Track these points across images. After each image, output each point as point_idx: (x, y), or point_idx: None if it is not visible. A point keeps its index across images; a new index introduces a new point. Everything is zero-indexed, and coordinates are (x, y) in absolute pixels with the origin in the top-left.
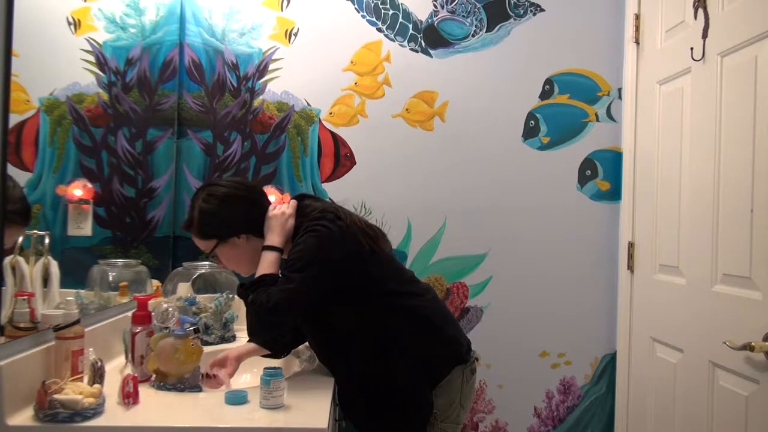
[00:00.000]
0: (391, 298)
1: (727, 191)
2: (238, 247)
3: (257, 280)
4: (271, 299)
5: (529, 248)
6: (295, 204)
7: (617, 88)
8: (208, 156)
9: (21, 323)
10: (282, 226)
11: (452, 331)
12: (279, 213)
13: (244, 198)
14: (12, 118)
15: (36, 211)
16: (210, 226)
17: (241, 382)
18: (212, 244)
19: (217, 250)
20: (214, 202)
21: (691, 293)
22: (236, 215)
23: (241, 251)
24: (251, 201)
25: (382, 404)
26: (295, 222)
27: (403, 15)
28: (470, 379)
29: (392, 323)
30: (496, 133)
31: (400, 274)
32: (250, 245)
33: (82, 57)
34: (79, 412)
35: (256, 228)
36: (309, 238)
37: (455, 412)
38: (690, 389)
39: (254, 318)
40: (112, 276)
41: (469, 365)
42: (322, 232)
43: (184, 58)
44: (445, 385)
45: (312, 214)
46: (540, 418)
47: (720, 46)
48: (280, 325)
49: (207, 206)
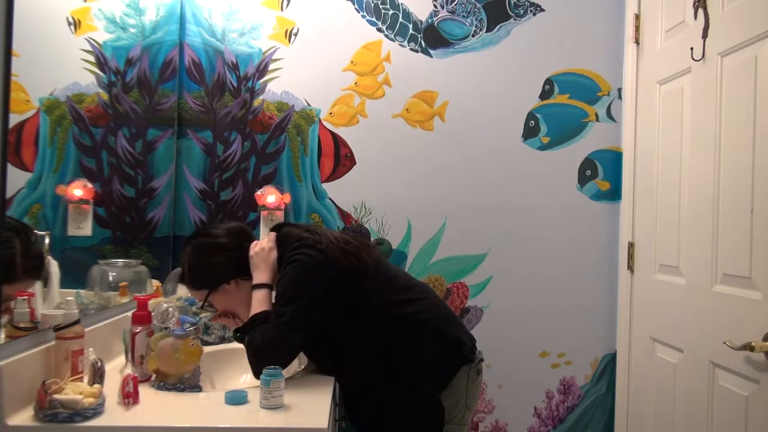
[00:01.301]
0: (385, 310)
1: (727, 191)
2: (229, 293)
3: (249, 321)
4: (265, 337)
5: (529, 248)
6: (274, 236)
7: (617, 88)
8: (208, 156)
9: (21, 323)
10: (265, 261)
11: (455, 331)
12: (259, 250)
13: (228, 246)
14: (12, 118)
15: (36, 211)
16: (199, 277)
17: (241, 382)
18: (204, 294)
19: (211, 298)
20: (200, 255)
21: (691, 293)
22: (222, 264)
23: (233, 296)
24: (235, 247)
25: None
26: (277, 253)
27: (403, 15)
28: (476, 379)
29: (390, 334)
30: (496, 133)
31: (392, 282)
32: (240, 289)
33: (82, 57)
34: (79, 412)
35: (244, 271)
36: (290, 269)
37: (460, 413)
38: (690, 389)
39: (253, 359)
40: (112, 276)
41: (475, 365)
42: (303, 260)
43: (184, 58)
44: (450, 387)
45: (291, 244)
46: (540, 418)
47: (720, 46)
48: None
49: (193, 259)
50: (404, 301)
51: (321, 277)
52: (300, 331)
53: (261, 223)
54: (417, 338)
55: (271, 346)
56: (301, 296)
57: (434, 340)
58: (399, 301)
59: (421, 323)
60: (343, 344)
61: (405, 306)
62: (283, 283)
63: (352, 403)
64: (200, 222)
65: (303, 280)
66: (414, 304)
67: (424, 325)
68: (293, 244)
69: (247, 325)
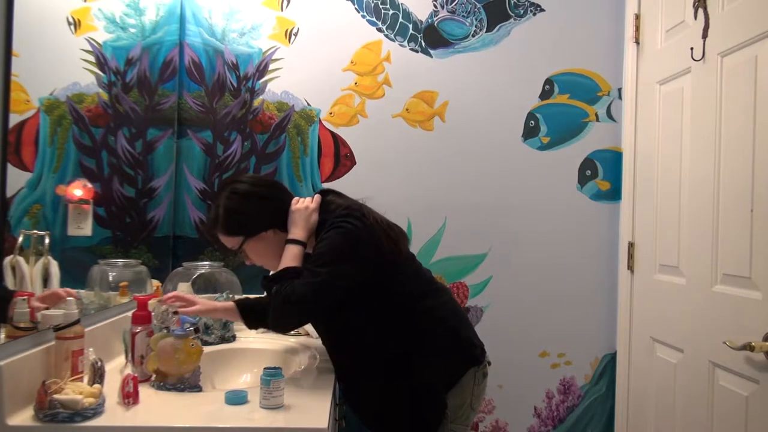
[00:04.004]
0: (408, 300)
1: (727, 191)
2: (266, 241)
3: (282, 272)
4: (295, 292)
5: (529, 248)
6: (319, 199)
7: (617, 88)
8: (208, 156)
9: (21, 323)
10: (306, 220)
11: (468, 332)
12: (302, 207)
13: (267, 194)
14: (12, 118)
15: (36, 211)
16: (236, 222)
17: (241, 382)
18: (239, 240)
19: (245, 245)
20: (239, 200)
21: (691, 293)
22: (261, 210)
23: (269, 245)
24: (274, 196)
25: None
26: (318, 217)
27: (403, 15)
28: (482, 382)
29: (408, 324)
30: (496, 133)
31: (418, 275)
32: (277, 239)
33: (82, 57)
34: (79, 412)
35: (281, 223)
36: (336, 234)
37: (465, 414)
38: (690, 389)
39: (277, 310)
40: (112, 276)
41: (482, 368)
42: (349, 229)
43: (184, 58)
44: (457, 387)
45: (337, 211)
46: (540, 418)
47: (720, 46)
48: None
49: (231, 204)
50: (426, 295)
51: (363, 249)
52: (330, 294)
53: None
54: (433, 333)
55: (299, 301)
56: (340, 262)
57: (449, 337)
58: (421, 294)
59: (438, 320)
60: (361, 324)
61: (426, 300)
62: (324, 244)
63: (354, 387)
64: (200, 222)
65: (345, 246)
66: (434, 300)
67: (441, 321)
68: (339, 212)
69: (279, 275)
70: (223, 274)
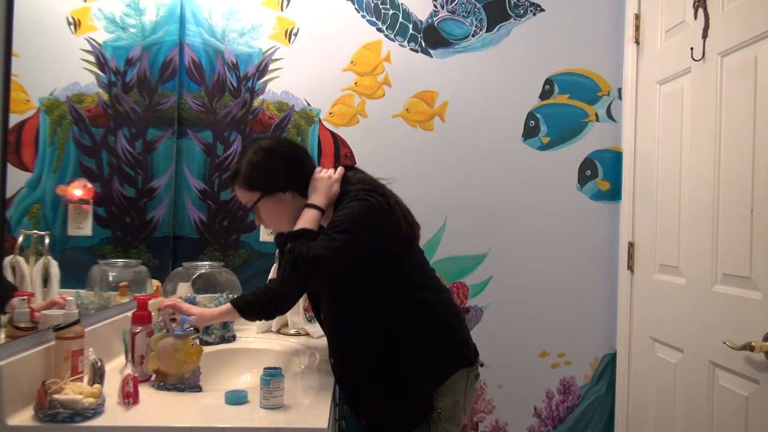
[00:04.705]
0: (414, 288)
1: (727, 191)
2: (282, 202)
3: (298, 231)
4: (310, 252)
5: (529, 248)
6: (342, 171)
7: (617, 88)
8: (208, 156)
9: (21, 323)
10: (328, 188)
11: (464, 333)
12: (326, 176)
13: (292, 154)
14: (12, 118)
15: (36, 211)
16: (257, 177)
17: (241, 382)
18: (256, 196)
19: (260, 203)
20: (264, 155)
21: (691, 293)
22: (284, 169)
23: (284, 207)
24: (299, 158)
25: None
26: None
27: (403, 15)
28: (474, 383)
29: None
30: (496, 133)
31: (424, 267)
32: (294, 202)
33: (82, 57)
34: (79, 412)
35: (301, 186)
36: (357, 205)
37: (459, 414)
38: (690, 389)
39: (288, 267)
40: (112, 276)
41: (474, 370)
42: (372, 203)
43: (184, 58)
44: (449, 386)
45: (359, 185)
46: (540, 418)
47: (720, 46)
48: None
49: (257, 158)
50: (429, 289)
51: (382, 224)
52: (343, 261)
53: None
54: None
55: (312, 260)
56: (358, 231)
57: (446, 333)
58: (424, 286)
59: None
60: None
61: (430, 292)
62: (344, 213)
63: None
64: (200, 222)
65: (365, 218)
66: (435, 296)
67: (440, 317)
68: (363, 186)
69: (296, 233)
70: (223, 274)
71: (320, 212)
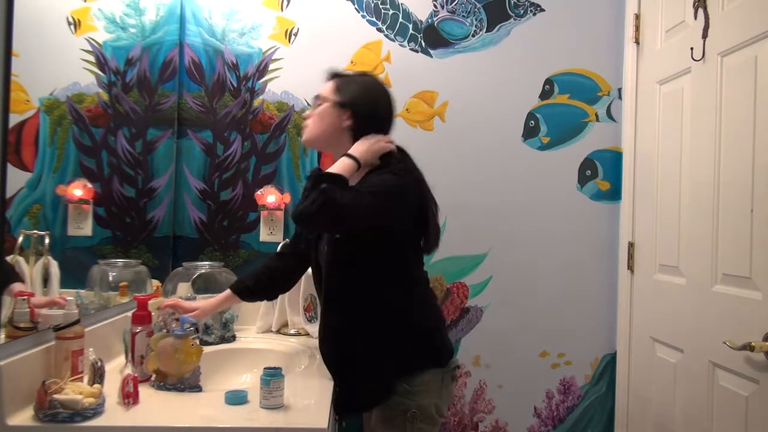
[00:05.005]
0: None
1: (727, 191)
2: (335, 119)
3: (336, 176)
4: (343, 198)
5: (529, 248)
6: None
7: (617, 88)
8: (208, 156)
9: (21, 323)
10: (372, 151)
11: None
12: (376, 142)
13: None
14: (12, 118)
15: (36, 211)
16: (348, 88)
17: (241, 382)
18: (333, 98)
19: (327, 105)
20: (366, 83)
21: (691, 293)
22: (365, 103)
23: (332, 124)
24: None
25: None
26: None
27: (403, 15)
28: (449, 384)
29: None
30: (496, 134)
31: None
32: (341, 130)
33: (82, 57)
34: (79, 412)
35: (358, 128)
36: (390, 175)
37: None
38: (690, 389)
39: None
40: (112, 276)
41: (450, 371)
42: (405, 179)
43: (184, 58)
44: (423, 385)
45: (399, 165)
46: (540, 418)
47: (720, 46)
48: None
49: (361, 78)
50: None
51: (408, 201)
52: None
53: (261, 223)
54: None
55: (340, 206)
56: (388, 199)
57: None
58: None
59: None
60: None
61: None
62: (379, 179)
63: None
64: (200, 222)
65: (397, 189)
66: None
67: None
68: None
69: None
70: (223, 274)
71: (357, 165)
